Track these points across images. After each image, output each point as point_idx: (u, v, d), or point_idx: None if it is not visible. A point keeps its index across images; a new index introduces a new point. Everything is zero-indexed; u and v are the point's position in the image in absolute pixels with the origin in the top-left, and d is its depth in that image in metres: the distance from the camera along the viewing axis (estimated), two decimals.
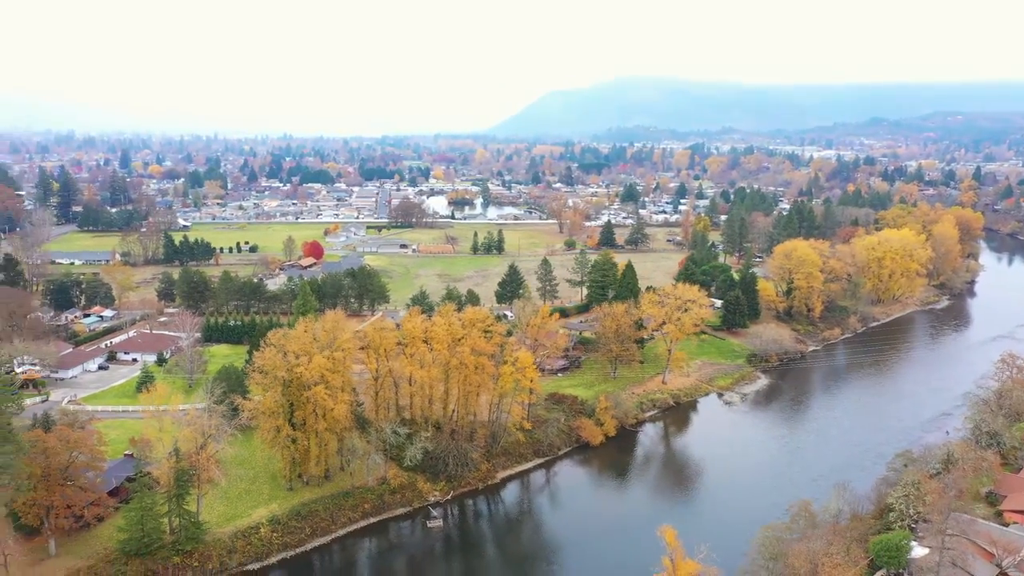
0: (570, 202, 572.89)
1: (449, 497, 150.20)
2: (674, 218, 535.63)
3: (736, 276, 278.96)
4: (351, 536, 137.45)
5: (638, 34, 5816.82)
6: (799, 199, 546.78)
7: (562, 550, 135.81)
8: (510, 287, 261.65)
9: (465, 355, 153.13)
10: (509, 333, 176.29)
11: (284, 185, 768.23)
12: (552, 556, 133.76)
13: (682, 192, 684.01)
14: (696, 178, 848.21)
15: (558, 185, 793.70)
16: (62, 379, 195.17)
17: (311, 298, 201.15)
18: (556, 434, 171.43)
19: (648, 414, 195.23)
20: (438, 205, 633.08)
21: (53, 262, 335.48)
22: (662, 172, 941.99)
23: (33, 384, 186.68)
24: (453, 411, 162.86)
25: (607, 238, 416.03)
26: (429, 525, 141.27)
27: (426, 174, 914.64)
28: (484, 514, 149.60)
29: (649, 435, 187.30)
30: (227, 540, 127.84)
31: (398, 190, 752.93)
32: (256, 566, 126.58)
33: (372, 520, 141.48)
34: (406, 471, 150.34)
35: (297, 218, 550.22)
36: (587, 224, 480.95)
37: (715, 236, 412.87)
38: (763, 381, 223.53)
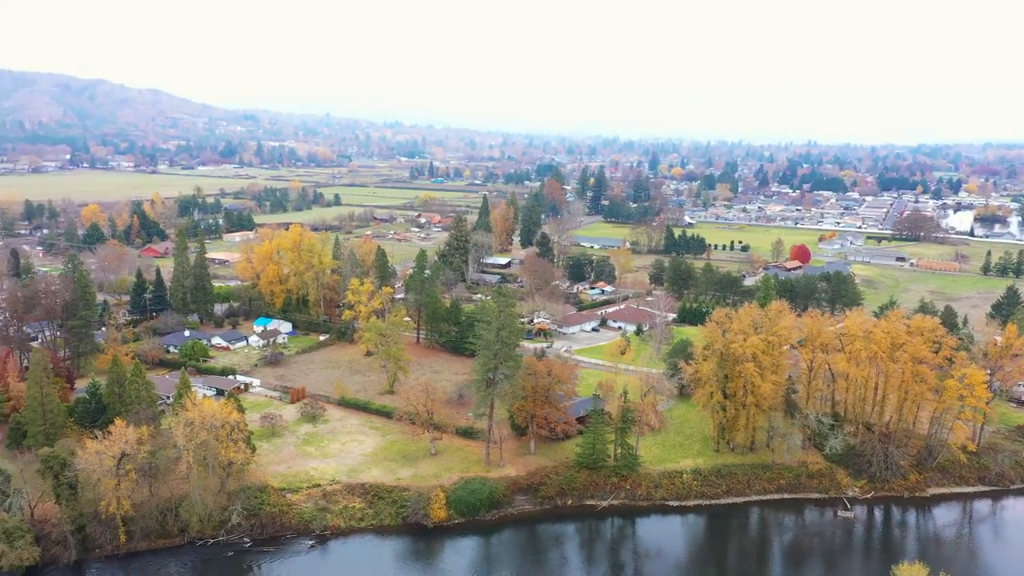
0: None
1: (868, 496, 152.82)
2: None
3: None
4: (762, 504, 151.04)
5: None
6: None
7: None
8: (1004, 310, 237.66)
9: (904, 361, 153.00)
10: (962, 348, 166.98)
11: (793, 191, 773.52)
12: None
13: None
14: None
15: None
16: (563, 333, 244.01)
17: (772, 292, 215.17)
18: (1010, 465, 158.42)
19: None
20: (960, 221, 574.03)
21: (578, 244, 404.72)
22: None
23: (543, 333, 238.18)
24: (890, 416, 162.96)
25: None
26: (841, 515, 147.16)
27: (956, 187, 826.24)
28: (905, 522, 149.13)
29: None
30: (655, 477, 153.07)
31: (916, 202, 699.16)
32: (675, 503, 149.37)
33: (785, 496, 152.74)
34: (826, 460, 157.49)
35: (796, 223, 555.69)
36: None
37: None
38: None
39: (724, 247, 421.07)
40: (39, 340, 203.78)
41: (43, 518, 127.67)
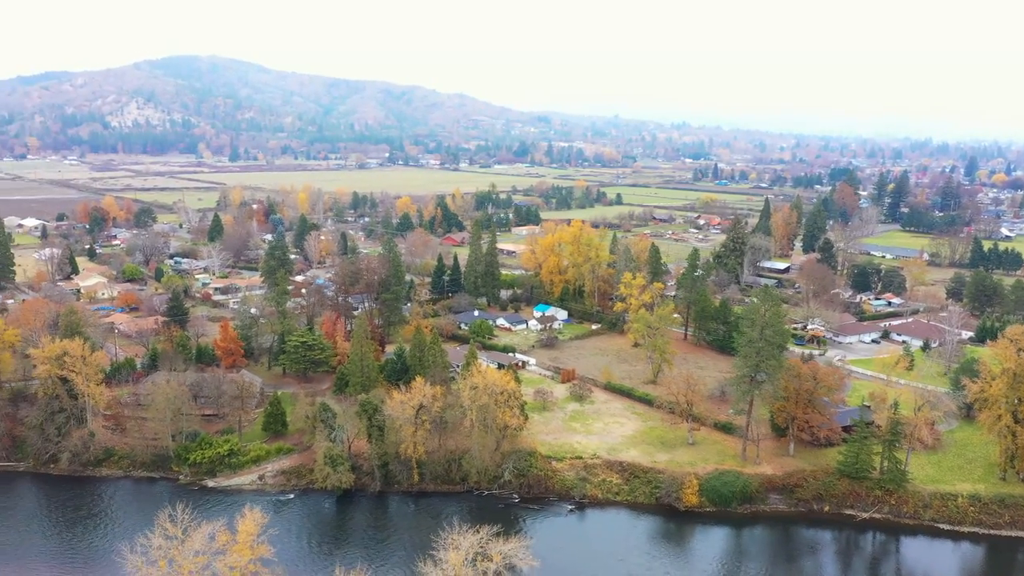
0: None
1: None
2: None
3: None
4: None
5: None
6: None
7: None
8: None
9: None
10: None
11: None
12: None
13: None
14: None
15: None
16: (839, 342, 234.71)
17: None
18: None
19: None
20: None
21: (866, 253, 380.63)
22: None
23: (816, 340, 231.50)
24: None
25: None
26: None
27: None
28: None
29: None
30: (925, 496, 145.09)
31: None
32: (946, 527, 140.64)
33: None
34: None
35: None
36: None
37: None
38: None
39: None
40: (359, 309, 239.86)
41: (357, 452, 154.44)
